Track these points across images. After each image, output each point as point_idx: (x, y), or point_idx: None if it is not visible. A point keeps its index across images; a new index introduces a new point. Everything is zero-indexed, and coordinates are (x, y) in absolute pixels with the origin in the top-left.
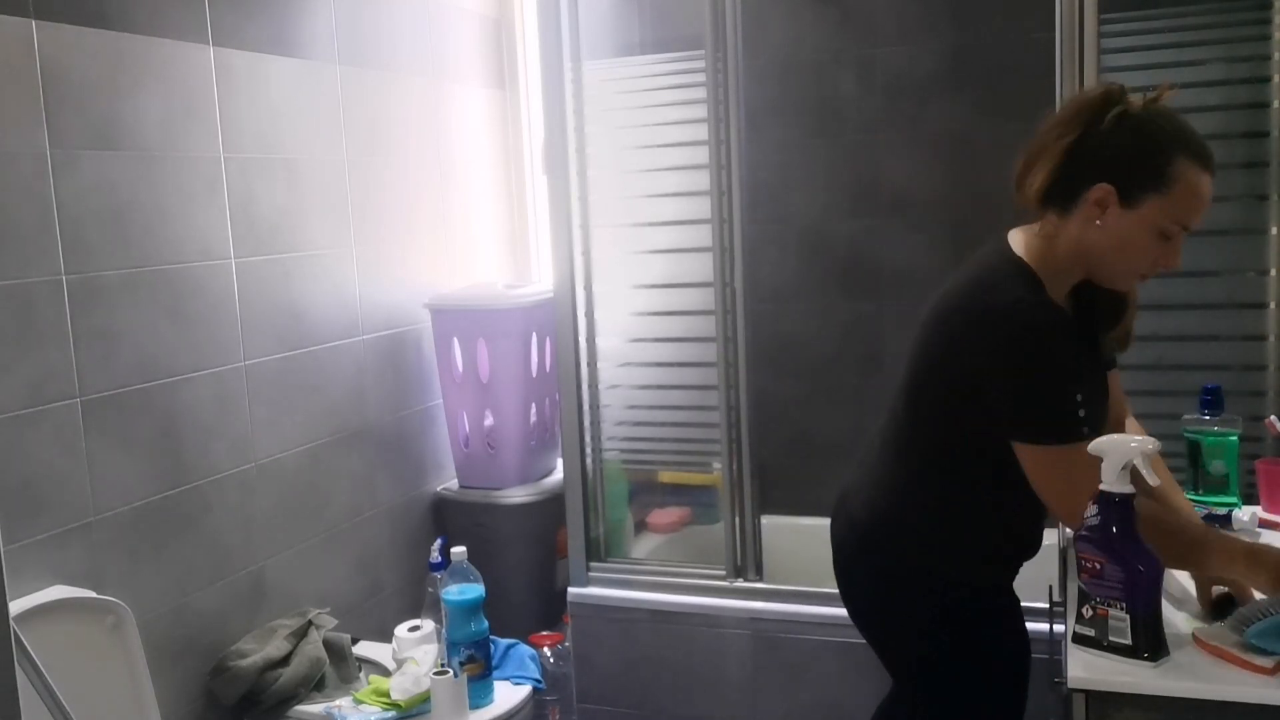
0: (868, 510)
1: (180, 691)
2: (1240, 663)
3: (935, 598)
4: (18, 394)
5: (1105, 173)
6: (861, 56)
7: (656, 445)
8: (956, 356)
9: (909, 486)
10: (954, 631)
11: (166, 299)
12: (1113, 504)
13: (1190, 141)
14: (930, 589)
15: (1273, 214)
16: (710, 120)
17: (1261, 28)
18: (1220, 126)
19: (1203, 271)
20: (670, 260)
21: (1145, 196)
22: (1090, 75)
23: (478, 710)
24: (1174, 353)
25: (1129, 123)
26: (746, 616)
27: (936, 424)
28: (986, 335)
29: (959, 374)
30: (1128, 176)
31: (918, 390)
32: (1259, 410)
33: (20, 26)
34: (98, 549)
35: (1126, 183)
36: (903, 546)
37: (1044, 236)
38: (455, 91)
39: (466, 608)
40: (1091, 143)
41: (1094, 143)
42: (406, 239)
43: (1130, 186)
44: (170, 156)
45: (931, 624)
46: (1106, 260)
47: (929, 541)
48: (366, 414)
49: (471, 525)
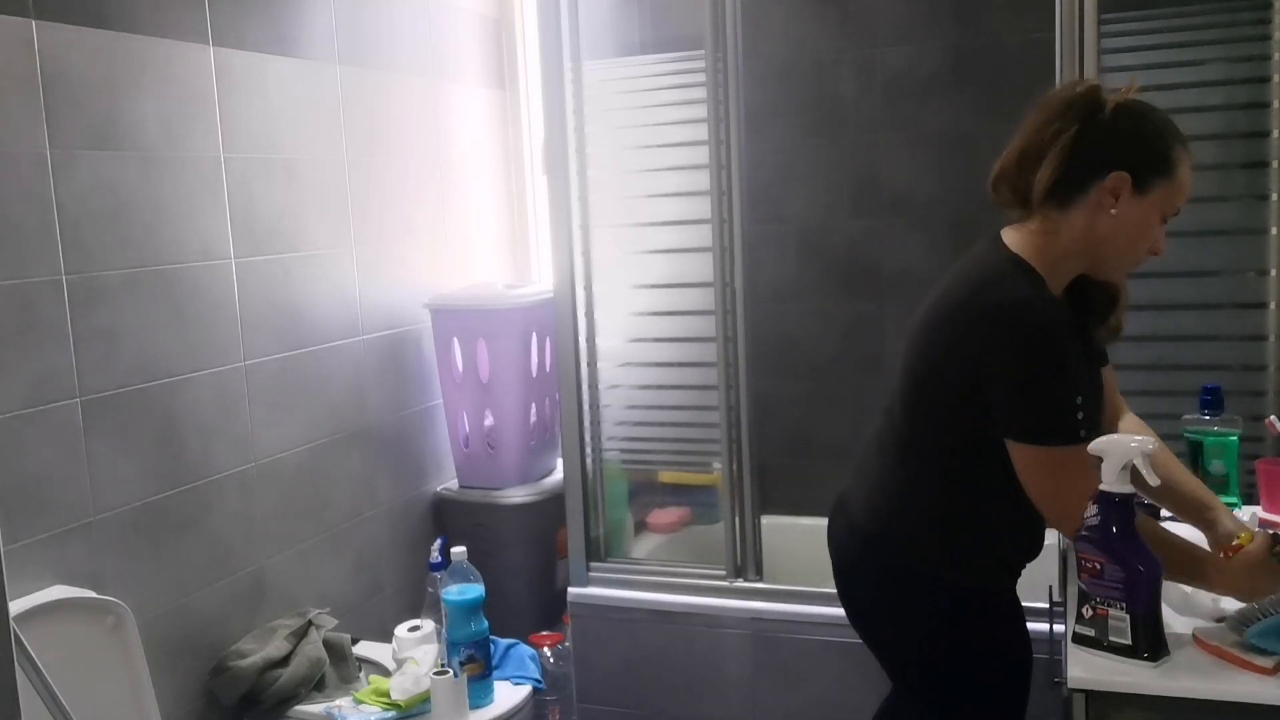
0: (868, 514)
1: (180, 691)
2: (1240, 663)
3: (937, 600)
4: (18, 394)
5: (1118, 161)
6: (861, 56)
7: (656, 445)
8: (959, 355)
9: (909, 489)
10: (956, 634)
11: (166, 299)
12: (1113, 504)
13: (1179, 131)
14: (932, 592)
15: (1273, 214)
16: (710, 120)
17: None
18: (1220, 126)
19: (1203, 271)
20: (670, 260)
21: (1155, 181)
22: (1090, 75)
23: (478, 710)
24: (1174, 353)
25: (1130, 113)
26: (746, 616)
27: (937, 425)
28: (991, 332)
29: (961, 372)
30: (1140, 164)
31: (918, 391)
32: (1259, 410)
33: (20, 26)
34: (98, 549)
35: (1140, 169)
36: (904, 549)
37: (1044, 233)
38: (455, 91)
39: (466, 608)
40: (1097, 134)
41: (1099, 134)
42: (406, 239)
43: (1144, 173)
44: (170, 156)
45: (934, 627)
46: (1117, 247)
47: (930, 544)
48: (366, 414)
49: (471, 525)
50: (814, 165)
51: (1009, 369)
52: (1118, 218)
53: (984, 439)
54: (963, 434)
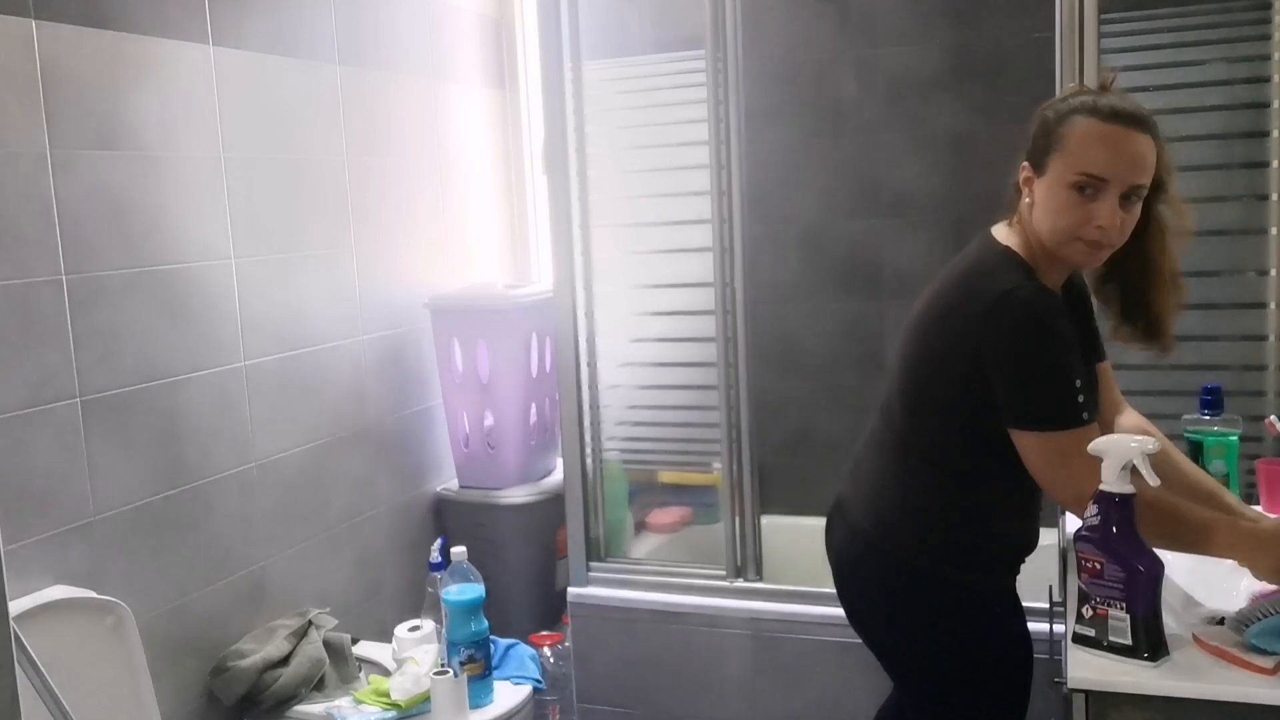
0: (868, 515)
1: (180, 691)
2: (1240, 663)
3: (938, 599)
4: (18, 394)
5: (1025, 155)
6: (861, 57)
7: (656, 445)
8: (957, 348)
9: (909, 487)
10: (957, 633)
11: (166, 299)
12: (1113, 504)
13: (1088, 104)
14: (933, 591)
15: (1273, 214)
16: (710, 120)
17: (1261, 28)
18: (1220, 126)
19: (1203, 271)
20: (670, 260)
21: (1048, 159)
22: (1090, 75)
23: (478, 710)
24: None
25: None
26: (746, 616)
27: (937, 420)
28: (986, 323)
29: (960, 365)
30: (1034, 149)
31: (918, 388)
32: (1259, 410)
33: (20, 26)
34: (98, 549)
35: (1034, 153)
36: (904, 548)
37: (1019, 226)
38: (455, 91)
39: (466, 608)
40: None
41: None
42: (406, 239)
43: (1037, 155)
44: (170, 156)
45: (935, 626)
46: (1046, 231)
47: (931, 541)
48: (366, 414)
49: (471, 525)
50: (814, 165)
51: (1006, 358)
52: (1034, 204)
53: (984, 432)
54: (962, 428)
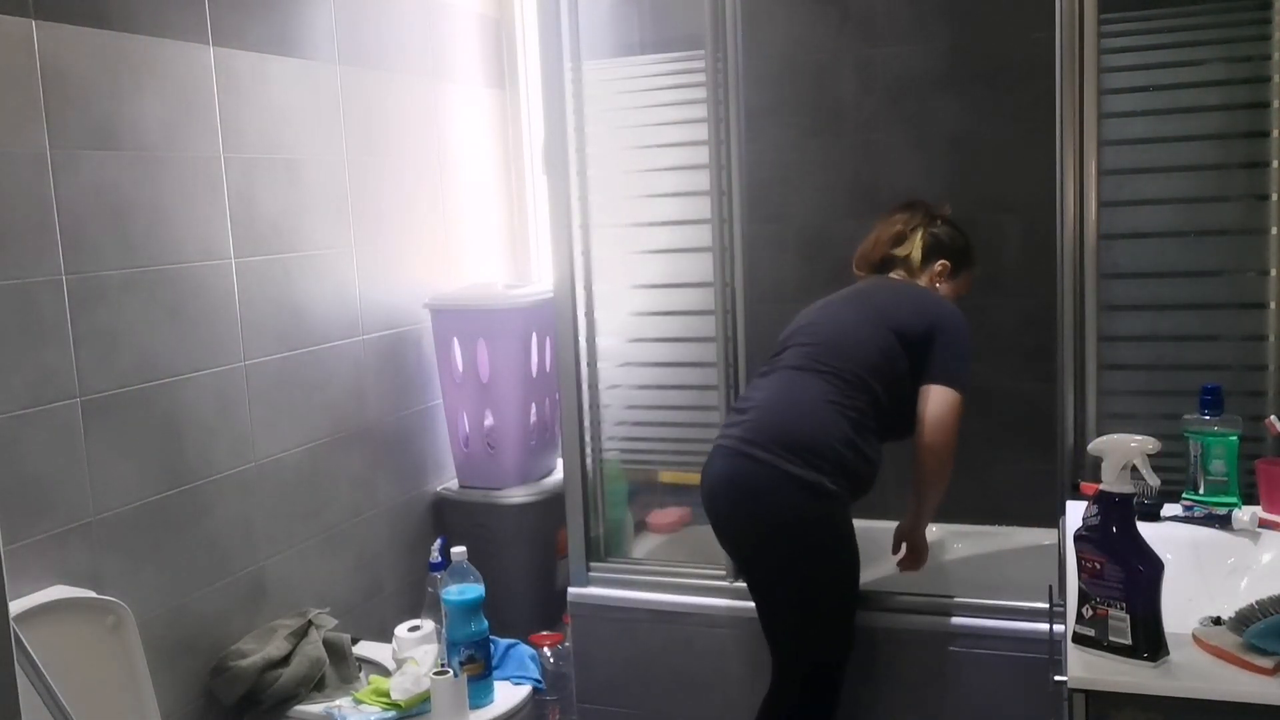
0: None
1: (180, 691)
2: (1240, 663)
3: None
4: (18, 394)
5: (944, 254)
6: (861, 56)
7: (656, 445)
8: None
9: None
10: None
11: (166, 299)
12: (1113, 504)
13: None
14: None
15: (1273, 214)
16: (710, 120)
17: (1261, 28)
18: (1220, 126)
19: (1203, 271)
20: (670, 260)
21: (962, 270)
22: (1090, 75)
23: (478, 710)
24: (1174, 353)
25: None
26: (746, 616)
27: (891, 378)
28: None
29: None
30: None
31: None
32: (1259, 410)
33: (20, 26)
34: (98, 549)
35: (956, 262)
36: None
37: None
38: (455, 91)
39: (466, 608)
40: (936, 235)
41: (937, 235)
42: (406, 239)
43: (958, 264)
44: (170, 156)
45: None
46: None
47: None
48: (366, 414)
49: (471, 525)
50: (814, 165)
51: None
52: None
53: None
54: (900, 379)
